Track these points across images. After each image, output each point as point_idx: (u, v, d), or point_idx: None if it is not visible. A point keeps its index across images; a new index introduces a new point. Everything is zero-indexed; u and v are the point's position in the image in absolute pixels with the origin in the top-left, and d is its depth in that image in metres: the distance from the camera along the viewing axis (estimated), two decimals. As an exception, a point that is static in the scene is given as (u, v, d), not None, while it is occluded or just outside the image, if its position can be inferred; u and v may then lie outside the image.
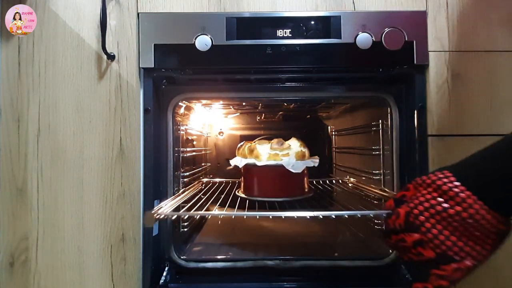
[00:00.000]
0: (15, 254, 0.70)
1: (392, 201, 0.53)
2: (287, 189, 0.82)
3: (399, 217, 0.49)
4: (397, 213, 0.50)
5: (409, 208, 0.49)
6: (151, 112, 0.74)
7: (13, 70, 0.71)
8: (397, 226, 0.50)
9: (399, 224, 0.49)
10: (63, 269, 0.70)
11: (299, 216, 0.66)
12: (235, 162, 0.87)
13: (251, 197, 0.83)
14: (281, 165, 0.78)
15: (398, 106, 0.79)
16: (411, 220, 0.48)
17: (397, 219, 0.50)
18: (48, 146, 0.71)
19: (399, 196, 0.53)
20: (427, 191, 0.48)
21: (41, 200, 0.70)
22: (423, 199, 0.48)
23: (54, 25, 0.71)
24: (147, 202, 0.73)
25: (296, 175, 0.79)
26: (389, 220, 0.51)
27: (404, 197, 0.51)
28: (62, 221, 0.70)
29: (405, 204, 0.50)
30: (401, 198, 0.52)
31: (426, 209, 0.47)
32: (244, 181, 0.88)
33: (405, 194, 0.52)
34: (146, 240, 0.73)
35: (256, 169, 0.81)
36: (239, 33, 0.72)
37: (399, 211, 0.50)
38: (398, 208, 0.50)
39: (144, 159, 0.73)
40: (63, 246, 0.70)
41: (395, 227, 0.50)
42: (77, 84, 0.71)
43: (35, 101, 0.71)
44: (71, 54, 0.71)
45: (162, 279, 0.76)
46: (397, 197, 0.53)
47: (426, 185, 0.48)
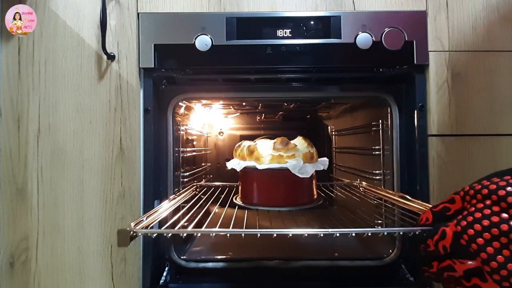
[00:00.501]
0: (15, 254, 0.70)
1: (430, 214, 0.44)
2: (293, 197, 0.70)
3: (445, 238, 0.39)
4: (443, 232, 0.40)
5: (460, 227, 0.39)
6: (151, 112, 0.74)
7: (13, 70, 0.71)
8: (440, 248, 0.40)
9: (443, 246, 0.39)
10: (63, 269, 0.70)
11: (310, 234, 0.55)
12: (232, 164, 0.75)
13: (250, 205, 0.72)
14: (286, 169, 0.66)
15: (398, 106, 0.79)
16: (463, 244, 0.38)
17: (440, 240, 0.40)
18: (48, 146, 0.71)
19: (439, 209, 0.44)
20: (483, 204, 0.38)
21: (41, 200, 0.70)
22: (479, 215, 0.38)
23: (54, 25, 0.71)
24: (147, 202, 0.73)
25: (304, 181, 0.68)
26: (428, 240, 0.41)
27: (448, 211, 0.42)
28: (62, 221, 0.70)
29: (453, 222, 0.40)
30: (442, 212, 0.43)
31: (486, 229, 0.37)
32: (243, 187, 0.75)
33: (448, 206, 0.42)
34: (146, 240, 0.73)
35: (257, 173, 0.69)
36: (239, 33, 0.72)
37: (445, 230, 0.40)
38: (443, 226, 0.40)
39: (144, 159, 0.73)
40: (63, 246, 0.70)
41: (437, 249, 0.40)
42: (77, 84, 0.71)
43: (35, 101, 0.71)
44: (71, 54, 0.71)
45: (162, 279, 0.76)
46: (437, 210, 0.44)
47: (482, 196, 0.39)
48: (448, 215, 0.42)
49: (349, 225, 0.66)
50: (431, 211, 0.44)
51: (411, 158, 0.76)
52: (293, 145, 0.70)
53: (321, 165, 0.72)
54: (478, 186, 0.40)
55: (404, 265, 0.78)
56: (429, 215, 0.44)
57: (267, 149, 0.70)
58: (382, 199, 0.79)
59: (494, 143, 0.71)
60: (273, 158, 0.68)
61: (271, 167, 0.67)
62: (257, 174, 0.70)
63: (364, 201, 0.83)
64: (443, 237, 0.40)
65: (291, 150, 0.68)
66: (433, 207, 0.45)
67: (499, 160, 0.70)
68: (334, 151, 1.29)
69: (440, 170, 0.71)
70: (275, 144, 0.69)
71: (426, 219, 0.44)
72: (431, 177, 0.71)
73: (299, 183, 0.69)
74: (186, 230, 0.61)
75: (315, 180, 0.74)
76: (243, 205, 0.73)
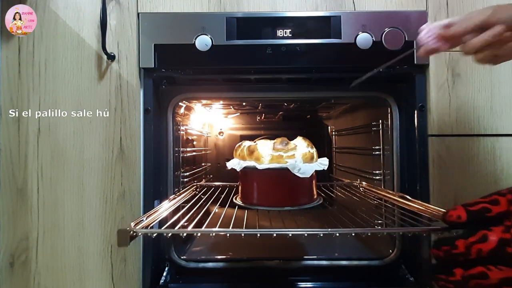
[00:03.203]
0: (15, 254, 0.70)
1: (463, 211, 0.39)
2: (293, 197, 0.71)
3: (486, 242, 0.36)
4: (483, 236, 0.36)
5: (510, 235, 0.35)
6: (151, 112, 0.74)
7: (13, 70, 0.71)
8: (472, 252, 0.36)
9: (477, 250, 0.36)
10: (63, 269, 0.70)
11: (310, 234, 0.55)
12: (232, 164, 0.74)
13: (250, 205, 0.72)
14: (285, 169, 0.66)
15: (398, 106, 0.79)
16: (509, 251, 0.35)
17: (478, 243, 0.36)
18: (48, 146, 0.71)
19: (478, 208, 0.39)
20: None
21: (41, 200, 0.70)
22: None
23: (54, 25, 0.71)
24: (147, 202, 0.73)
25: (304, 181, 0.68)
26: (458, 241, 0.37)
27: (488, 212, 0.38)
28: (62, 221, 0.70)
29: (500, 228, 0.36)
30: (481, 212, 0.38)
31: None
32: (243, 186, 0.75)
33: (489, 208, 0.38)
34: (146, 240, 0.73)
35: (257, 173, 0.69)
36: (239, 33, 0.72)
37: (486, 234, 0.36)
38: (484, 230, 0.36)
39: (144, 159, 0.73)
40: (63, 246, 0.70)
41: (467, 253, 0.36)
42: (77, 84, 0.71)
43: (35, 101, 0.71)
44: (71, 54, 0.71)
45: (162, 279, 0.76)
46: (474, 209, 0.39)
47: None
48: (488, 217, 0.38)
49: (349, 225, 0.65)
50: (465, 209, 0.39)
51: (411, 158, 0.76)
52: (293, 145, 0.70)
53: (321, 165, 0.72)
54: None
55: (404, 265, 0.78)
56: (462, 213, 0.39)
57: (267, 149, 0.69)
58: (382, 199, 0.79)
59: (494, 143, 0.71)
60: (273, 158, 0.67)
61: (271, 167, 0.67)
62: (257, 174, 0.70)
63: (364, 201, 0.83)
64: (483, 241, 0.36)
65: (291, 150, 0.68)
66: (468, 205, 0.40)
67: (499, 160, 0.70)
68: (334, 151, 1.29)
69: (440, 170, 0.71)
70: (275, 144, 0.69)
71: (458, 217, 0.39)
72: (431, 177, 0.71)
73: (299, 183, 0.69)
74: (186, 230, 0.61)
75: (315, 180, 0.74)
76: (243, 205, 0.73)
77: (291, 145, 0.70)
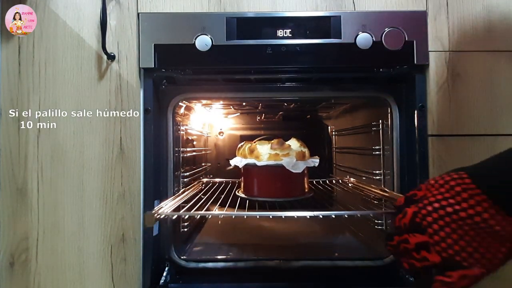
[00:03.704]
0: (15, 254, 0.70)
1: (403, 199, 0.52)
2: (288, 190, 0.82)
3: (406, 216, 0.47)
4: (405, 212, 0.48)
5: (417, 208, 0.46)
6: (151, 112, 0.74)
7: (13, 70, 0.71)
8: (402, 225, 0.48)
9: (404, 223, 0.47)
10: (63, 269, 0.70)
11: (299, 216, 0.67)
12: (235, 162, 0.86)
13: (251, 197, 0.83)
14: (281, 165, 0.78)
15: (398, 106, 0.79)
16: (417, 221, 0.45)
17: (403, 218, 0.48)
18: (48, 146, 0.71)
19: (409, 194, 0.51)
20: (438, 191, 0.45)
21: (41, 200, 0.70)
22: (433, 199, 0.45)
23: (54, 25, 0.71)
24: (147, 202, 0.73)
25: (297, 175, 0.79)
26: (396, 218, 0.50)
27: (415, 196, 0.49)
28: (62, 221, 0.70)
29: (414, 204, 0.48)
30: (411, 197, 0.50)
31: (435, 210, 0.44)
32: (244, 181, 0.87)
33: (416, 193, 0.50)
34: (146, 240, 0.73)
35: (257, 169, 0.80)
36: (239, 33, 0.72)
37: (406, 210, 0.48)
38: (406, 207, 0.48)
39: (144, 159, 0.73)
40: (63, 246, 0.70)
41: (400, 226, 0.48)
42: (77, 84, 0.71)
43: (35, 101, 0.71)
44: (71, 54, 0.71)
45: (162, 279, 0.76)
46: (408, 195, 0.51)
47: (439, 185, 0.46)
48: (415, 199, 0.49)
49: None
50: (404, 197, 0.52)
51: (411, 158, 0.75)
52: (288, 145, 0.82)
53: (312, 162, 0.84)
54: (438, 177, 0.47)
55: (404, 265, 0.78)
56: (402, 199, 0.52)
57: (265, 148, 0.81)
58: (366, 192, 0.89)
59: (494, 143, 0.70)
60: (270, 156, 0.80)
61: (269, 164, 0.79)
62: (256, 170, 0.81)
63: (351, 194, 0.96)
64: (404, 215, 0.48)
65: (285, 149, 0.80)
66: (406, 194, 0.52)
67: (499, 160, 0.70)
68: (334, 151, 1.29)
69: (440, 170, 0.70)
70: (272, 145, 0.81)
71: (399, 202, 0.52)
72: (431, 177, 0.71)
73: (292, 178, 0.80)
74: (199, 212, 0.78)
75: (306, 176, 0.86)
76: (245, 196, 0.84)
77: (286, 145, 0.82)
